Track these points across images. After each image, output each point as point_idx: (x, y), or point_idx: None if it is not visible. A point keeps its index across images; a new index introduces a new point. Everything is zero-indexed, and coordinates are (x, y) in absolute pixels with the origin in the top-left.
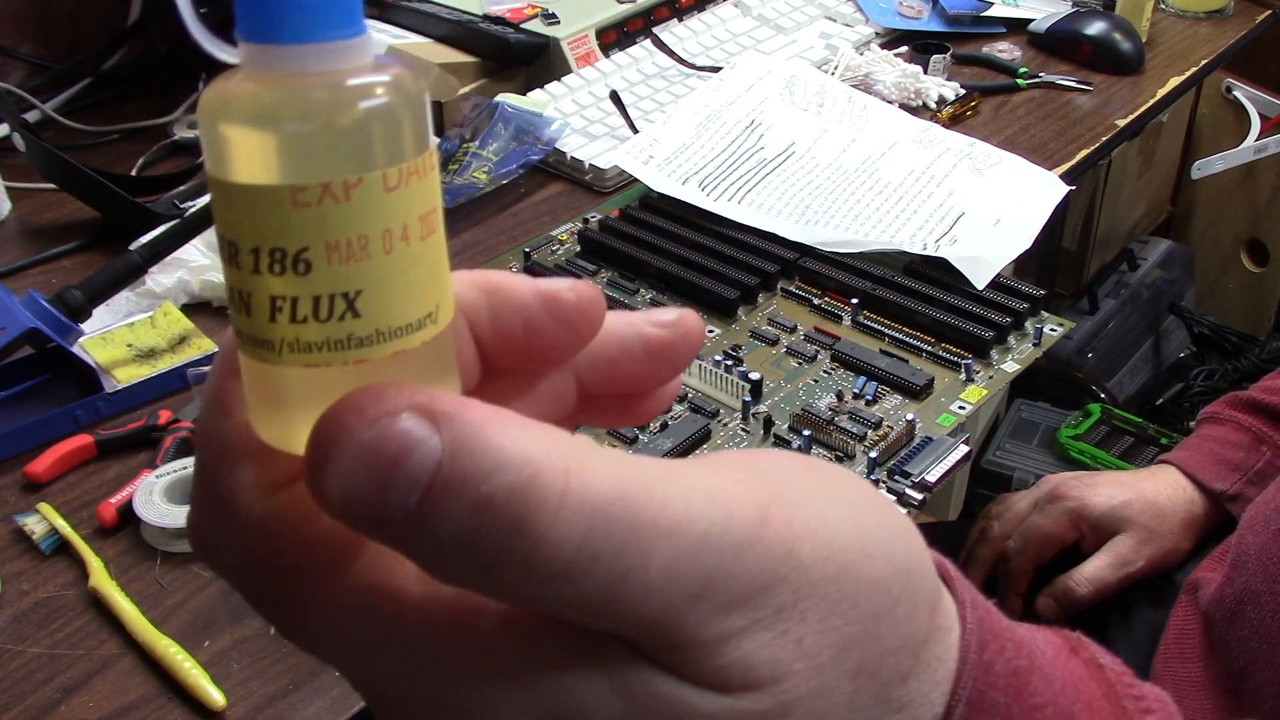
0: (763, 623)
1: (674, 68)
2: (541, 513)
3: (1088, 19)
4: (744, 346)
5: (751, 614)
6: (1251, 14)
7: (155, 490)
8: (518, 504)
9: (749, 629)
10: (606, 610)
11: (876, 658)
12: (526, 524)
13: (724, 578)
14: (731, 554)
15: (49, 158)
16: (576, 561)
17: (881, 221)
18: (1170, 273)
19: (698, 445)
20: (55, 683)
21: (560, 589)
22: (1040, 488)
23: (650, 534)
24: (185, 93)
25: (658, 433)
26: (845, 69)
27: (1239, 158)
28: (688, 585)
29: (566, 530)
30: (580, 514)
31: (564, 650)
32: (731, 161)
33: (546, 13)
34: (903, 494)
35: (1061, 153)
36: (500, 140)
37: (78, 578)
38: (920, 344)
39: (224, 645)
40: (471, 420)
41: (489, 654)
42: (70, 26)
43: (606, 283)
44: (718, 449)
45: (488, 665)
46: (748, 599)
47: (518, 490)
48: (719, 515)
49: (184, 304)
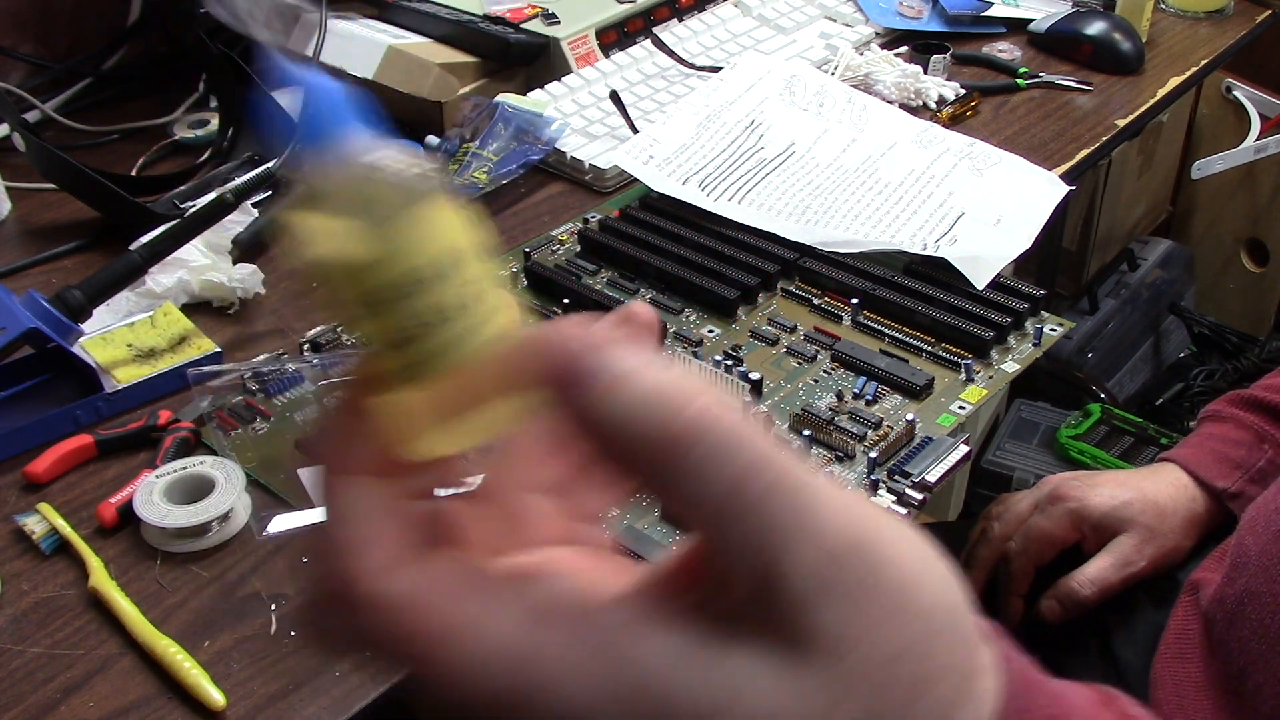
0: (844, 600)
1: (674, 68)
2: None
3: (1088, 19)
4: (744, 346)
5: (840, 592)
6: (1251, 14)
7: (155, 490)
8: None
9: (834, 603)
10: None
11: (928, 673)
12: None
13: (838, 565)
14: (850, 551)
15: (49, 158)
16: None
17: (881, 221)
18: (1170, 273)
19: None
20: (55, 683)
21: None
22: (1041, 488)
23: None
24: (185, 93)
25: None
26: (845, 69)
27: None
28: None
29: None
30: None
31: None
32: (731, 161)
33: (546, 13)
34: (903, 494)
35: (1061, 153)
36: (500, 140)
37: (78, 578)
38: (920, 344)
39: (224, 645)
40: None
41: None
42: (70, 26)
43: (606, 283)
44: None
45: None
46: (839, 580)
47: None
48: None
49: (184, 304)
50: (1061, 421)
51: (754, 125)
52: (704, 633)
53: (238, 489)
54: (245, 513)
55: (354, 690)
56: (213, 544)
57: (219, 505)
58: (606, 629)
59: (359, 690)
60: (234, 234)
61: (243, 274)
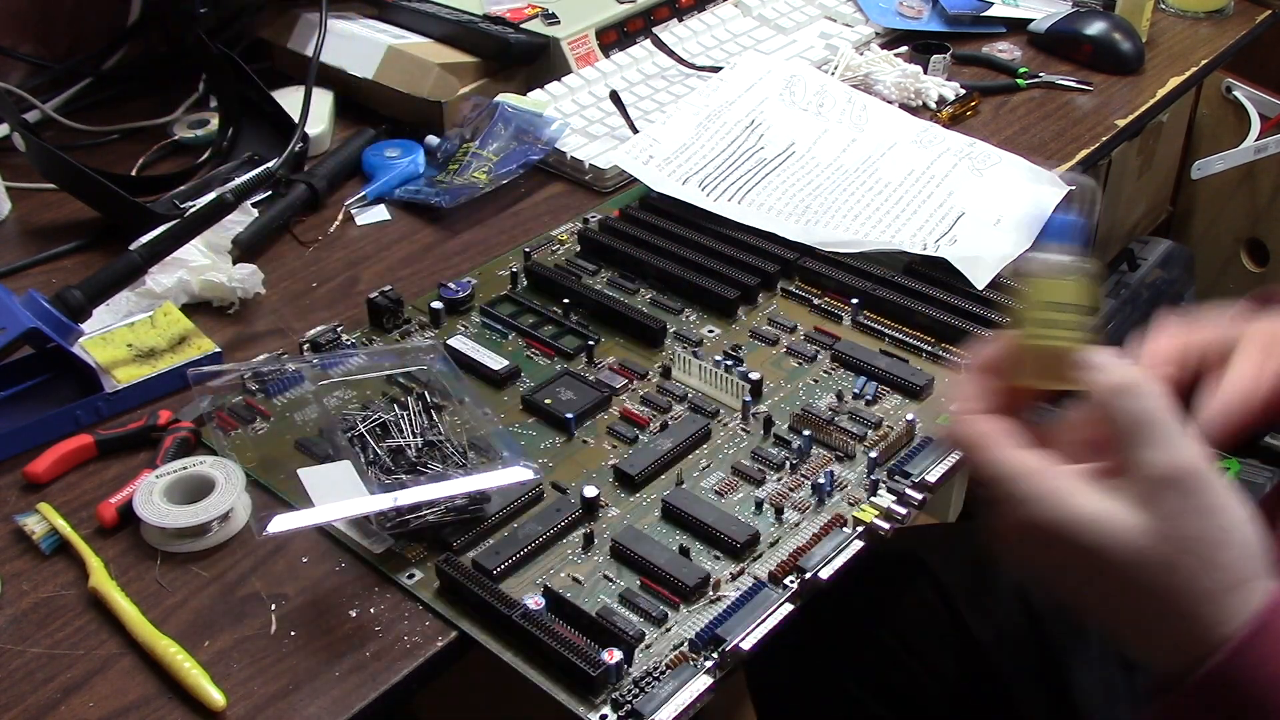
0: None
1: (674, 68)
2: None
3: (1088, 19)
4: (744, 346)
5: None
6: (1251, 14)
7: (155, 490)
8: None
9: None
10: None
11: (1223, 558)
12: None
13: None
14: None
15: (49, 158)
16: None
17: (881, 221)
18: (1170, 273)
19: (698, 445)
20: (55, 683)
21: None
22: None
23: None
24: (185, 93)
25: (658, 433)
26: (845, 69)
27: (1239, 158)
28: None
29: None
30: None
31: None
32: (731, 161)
33: (546, 13)
34: (903, 494)
35: (1061, 153)
36: (500, 140)
37: (78, 578)
38: (920, 344)
39: (224, 645)
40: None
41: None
42: (70, 26)
43: (606, 283)
44: (717, 449)
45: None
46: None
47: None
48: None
49: (184, 304)
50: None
51: (754, 125)
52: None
53: (238, 489)
54: (245, 513)
55: (354, 690)
56: (213, 544)
57: (219, 505)
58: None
59: (359, 690)
60: (234, 234)
61: (243, 274)
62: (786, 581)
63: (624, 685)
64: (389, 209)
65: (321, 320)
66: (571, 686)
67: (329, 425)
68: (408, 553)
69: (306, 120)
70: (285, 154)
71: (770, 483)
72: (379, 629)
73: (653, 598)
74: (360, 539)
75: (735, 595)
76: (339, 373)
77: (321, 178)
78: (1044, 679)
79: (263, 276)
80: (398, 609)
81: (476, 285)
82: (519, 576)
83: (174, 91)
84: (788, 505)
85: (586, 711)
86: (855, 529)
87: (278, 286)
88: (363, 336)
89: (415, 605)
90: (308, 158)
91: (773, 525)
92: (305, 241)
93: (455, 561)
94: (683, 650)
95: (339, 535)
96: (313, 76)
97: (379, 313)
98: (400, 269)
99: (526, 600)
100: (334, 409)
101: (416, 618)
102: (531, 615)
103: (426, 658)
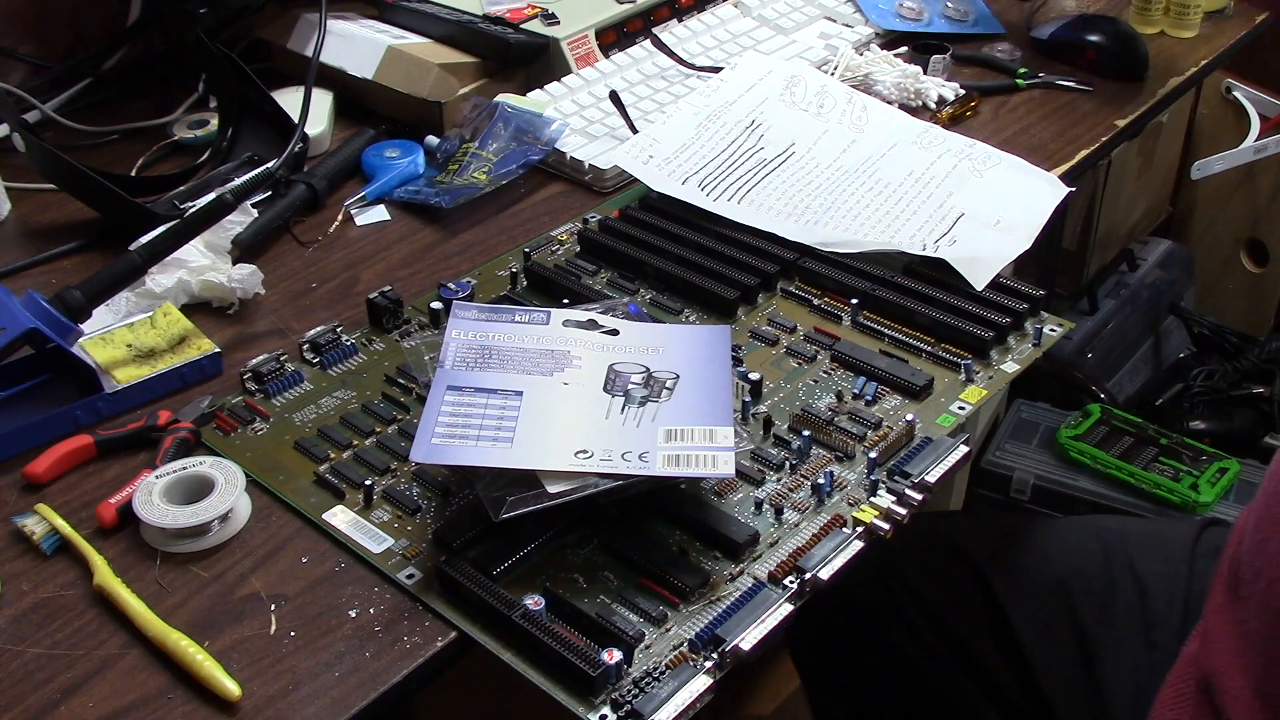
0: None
1: (674, 68)
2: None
3: (1090, 25)
4: (744, 346)
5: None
6: (1251, 14)
7: (155, 490)
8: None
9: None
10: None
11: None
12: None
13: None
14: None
15: (49, 158)
16: None
17: (881, 222)
18: (1170, 273)
19: None
20: (55, 683)
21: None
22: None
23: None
24: (185, 93)
25: None
26: (845, 69)
27: (1239, 158)
28: None
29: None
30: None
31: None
32: (731, 161)
33: (546, 13)
34: (902, 494)
35: (1061, 153)
36: (500, 140)
37: (78, 578)
38: (920, 344)
39: (224, 645)
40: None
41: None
42: (70, 26)
43: (606, 283)
44: None
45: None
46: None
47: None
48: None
49: (184, 304)
50: (1061, 422)
51: (754, 125)
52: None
53: (237, 489)
54: (245, 513)
55: (354, 690)
56: (212, 544)
57: (219, 505)
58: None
59: (359, 690)
60: (234, 234)
61: (242, 274)
62: (786, 582)
63: (624, 685)
64: (389, 209)
65: (321, 320)
66: (571, 687)
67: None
68: (408, 553)
69: (306, 120)
70: (285, 154)
71: (770, 483)
72: (379, 629)
73: (652, 598)
74: (362, 539)
75: (735, 595)
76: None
77: (321, 178)
78: (1072, 663)
79: (262, 277)
80: (397, 609)
81: (476, 285)
82: (519, 576)
83: (174, 92)
84: (787, 505)
85: (586, 712)
86: (855, 529)
87: (277, 287)
88: (362, 337)
89: (415, 605)
90: (307, 158)
91: (772, 525)
92: (305, 242)
93: (455, 561)
94: (682, 650)
95: (339, 535)
96: (312, 77)
97: (379, 313)
98: (400, 269)
99: (526, 600)
100: (334, 409)
101: (416, 618)
102: (531, 615)
103: (426, 658)
